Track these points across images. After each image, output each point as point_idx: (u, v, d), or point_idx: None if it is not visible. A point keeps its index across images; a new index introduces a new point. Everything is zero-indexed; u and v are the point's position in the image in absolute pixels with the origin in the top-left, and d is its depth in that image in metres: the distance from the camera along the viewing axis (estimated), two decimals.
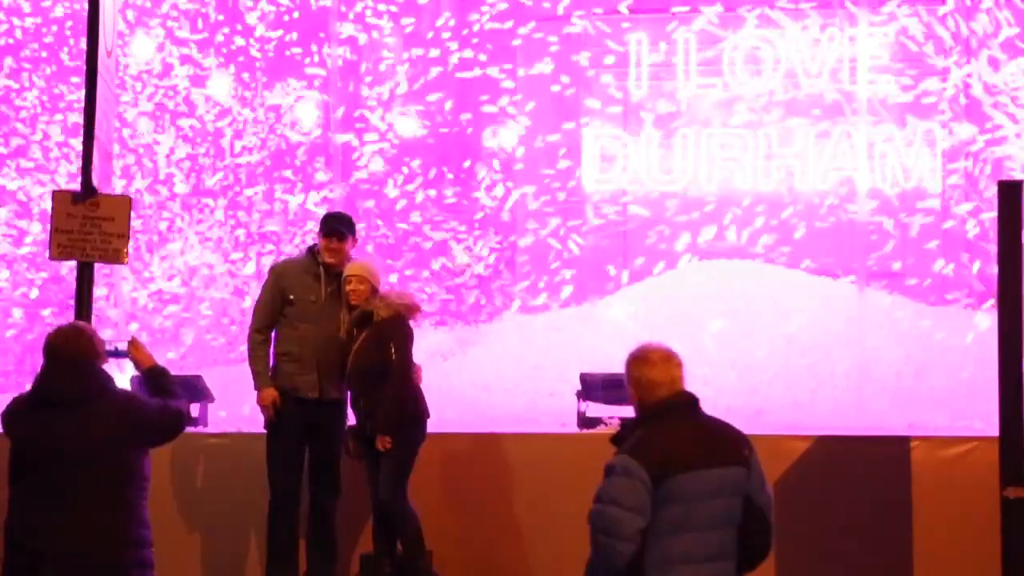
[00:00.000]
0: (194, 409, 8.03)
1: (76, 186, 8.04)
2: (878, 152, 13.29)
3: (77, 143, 11.37)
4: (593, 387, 8.33)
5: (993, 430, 6.65)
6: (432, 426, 7.43)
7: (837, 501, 7.53)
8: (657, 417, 4.56)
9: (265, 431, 7.58)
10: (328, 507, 7.52)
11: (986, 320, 10.53)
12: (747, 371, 10.41)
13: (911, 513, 7.36)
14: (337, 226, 7.57)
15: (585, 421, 8.30)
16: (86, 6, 7.26)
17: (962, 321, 11.48)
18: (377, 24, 14.31)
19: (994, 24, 12.46)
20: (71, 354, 5.34)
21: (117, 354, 5.83)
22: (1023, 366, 6.30)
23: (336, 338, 7.38)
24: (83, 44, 7.87)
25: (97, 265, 7.22)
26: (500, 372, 10.98)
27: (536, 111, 14.43)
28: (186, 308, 13.11)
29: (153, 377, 5.72)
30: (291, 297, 7.49)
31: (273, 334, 7.60)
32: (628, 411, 4.81)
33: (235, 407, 9.04)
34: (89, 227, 7.07)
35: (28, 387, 5.54)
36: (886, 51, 13.27)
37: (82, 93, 7.34)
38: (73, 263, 7.40)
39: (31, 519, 5.23)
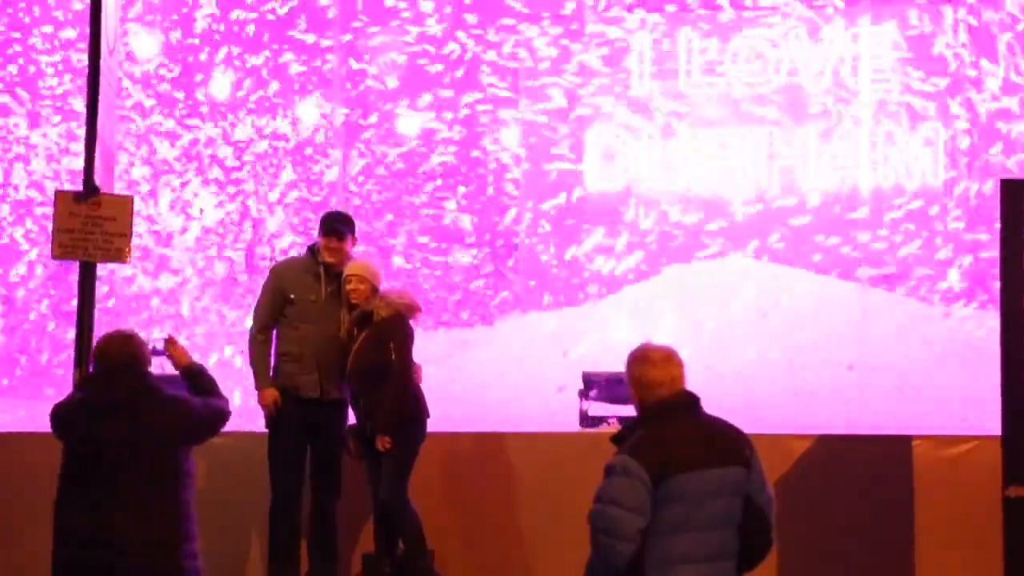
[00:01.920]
0: None
1: None
2: (880, 151, 13.30)
3: None
4: (596, 386, 8.33)
5: (995, 429, 6.64)
6: (433, 426, 7.41)
7: (837, 501, 7.51)
8: (657, 417, 4.55)
9: (266, 431, 7.58)
10: (329, 507, 7.50)
11: (988, 318, 10.53)
12: (747, 371, 10.40)
13: (912, 513, 7.34)
14: (337, 225, 7.55)
15: (587, 420, 8.30)
16: None
17: (963, 319, 11.48)
18: (380, 24, 14.31)
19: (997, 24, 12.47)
20: (122, 359, 5.54)
21: (155, 353, 5.99)
22: None
23: (336, 338, 7.36)
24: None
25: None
26: (501, 371, 10.98)
27: (538, 110, 14.42)
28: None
29: (191, 375, 5.94)
30: (291, 297, 7.47)
31: (274, 334, 7.60)
32: (631, 410, 4.80)
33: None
34: (91, 227, 7.07)
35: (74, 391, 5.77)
36: (888, 50, 13.28)
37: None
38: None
39: (88, 520, 5.35)
